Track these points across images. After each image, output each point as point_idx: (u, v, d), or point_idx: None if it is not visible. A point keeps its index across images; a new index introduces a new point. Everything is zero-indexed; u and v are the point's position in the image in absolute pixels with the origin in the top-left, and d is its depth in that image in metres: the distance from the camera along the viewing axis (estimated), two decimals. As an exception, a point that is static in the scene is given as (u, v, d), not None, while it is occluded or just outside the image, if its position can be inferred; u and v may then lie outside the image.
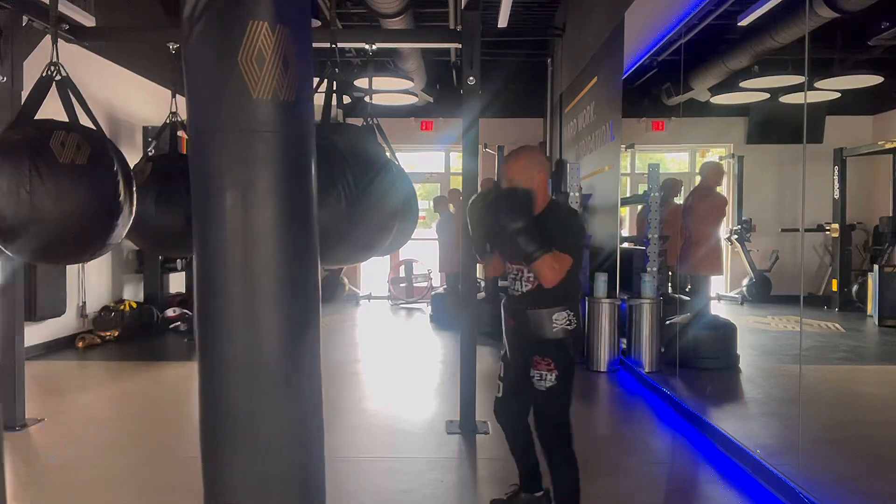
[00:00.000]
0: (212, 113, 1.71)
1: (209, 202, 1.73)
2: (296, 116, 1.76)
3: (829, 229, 7.80)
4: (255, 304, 1.71)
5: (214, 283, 1.73)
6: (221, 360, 1.74)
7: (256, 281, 1.70)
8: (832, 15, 4.69)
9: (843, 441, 3.96)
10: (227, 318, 1.72)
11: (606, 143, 7.05)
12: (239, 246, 1.70)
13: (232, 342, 1.72)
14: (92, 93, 6.12)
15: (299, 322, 1.79)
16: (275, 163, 1.71)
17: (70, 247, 2.93)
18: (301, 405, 1.81)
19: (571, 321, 2.56)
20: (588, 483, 3.43)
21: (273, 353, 1.74)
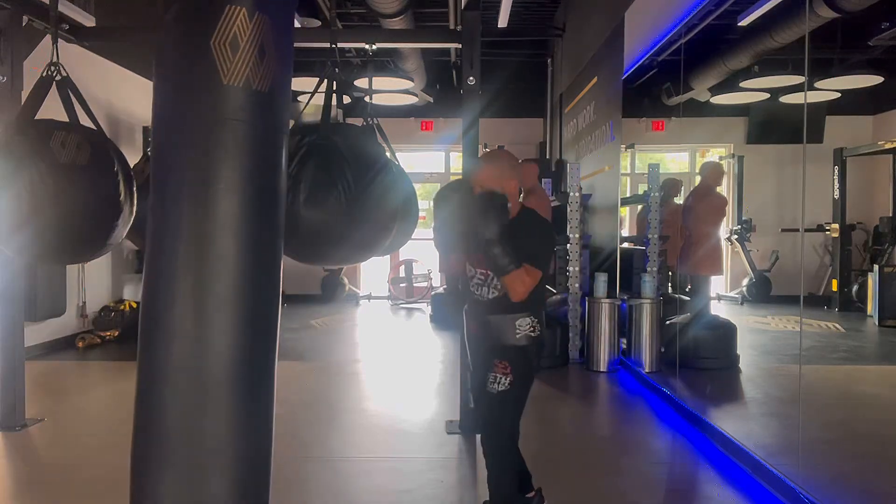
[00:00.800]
0: (179, 99, 1.63)
1: (167, 191, 1.62)
2: (268, 107, 1.66)
3: (829, 229, 7.79)
4: (204, 305, 1.56)
5: (162, 280, 1.59)
6: (162, 365, 1.58)
7: (209, 280, 1.56)
8: (832, 15, 4.69)
9: (843, 441, 3.96)
10: (173, 318, 1.57)
11: (606, 143, 7.05)
12: (193, 241, 1.58)
13: (175, 344, 1.57)
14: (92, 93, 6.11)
15: (253, 326, 1.64)
16: (242, 154, 1.61)
17: (70, 247, 2.93)
18: (249, 421, 1.65)
19: (535, 328, 2.50)
20: (588, 483, 3.44)
21: (221, 360, 1.59)
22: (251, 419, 1.67)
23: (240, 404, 1.63)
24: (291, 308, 9.33)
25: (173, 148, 1.63)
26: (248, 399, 1.65)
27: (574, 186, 6.25)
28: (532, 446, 3.99)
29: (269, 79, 1.64)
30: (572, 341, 6.12)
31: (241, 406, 1.64)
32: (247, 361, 1.63)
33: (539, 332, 2.52)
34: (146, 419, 1.60)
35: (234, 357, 1.60)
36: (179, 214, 1.60)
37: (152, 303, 1.61)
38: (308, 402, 4.84)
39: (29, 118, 2.86)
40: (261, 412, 1.70)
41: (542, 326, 2.55)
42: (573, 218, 6.18)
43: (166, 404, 1.57)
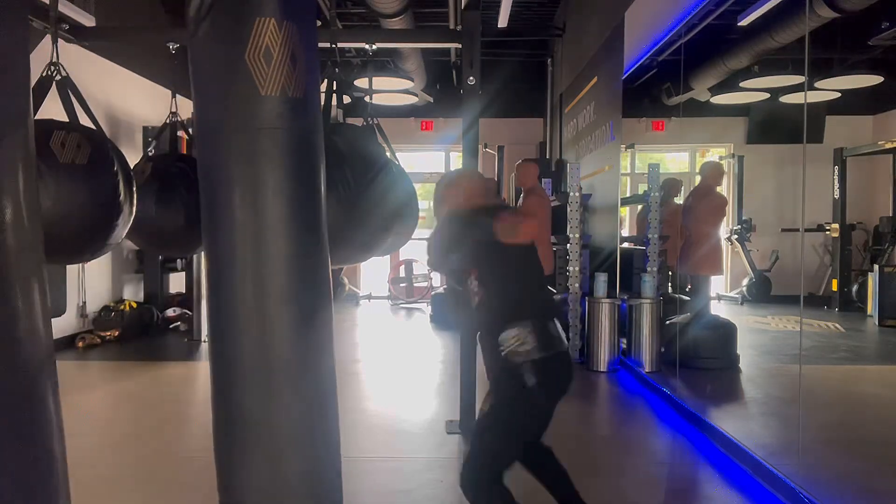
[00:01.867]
0: (219, 111, 1.71)
1: (217, 201, 1.72)
2: (304, 112, 1.75)
3: (829, 229, 7.80)
4: (265, 304, 1.69)
5: (225, 282, 1.71)
6: (233, 360, 1.72)
7: (267, 280, 1.69)
8: (832, 15, 4.69)
9: (843, 441, 3.96)
10: (238, 317, 1.70)
11: (606, 142, 7.05)
12: (248, 245, 1.68)
13: (243, 341, 1.70)
14: (92, 93, 6.12)
15: (311, 320, 1.78)
16: (283, 159, 1.70)
17: (70, 247, 2.93)
18: (313, 404, 1.79)
19: (526, 340, 2.05)
20: (588, 483, 3.44)
21: (284, 352, 1.72)
22: (315, 404, 1.79)
23: (303, 391, 1.77)
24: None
25: (219, 159, 1.71)
26: (310, 385, 1.78)
27: (574, 186, 6.25)
28: (532, 446, 3.99)
29: (303, 85, 1.73)
30: (572, 341, 6.12)
31: (305, 392, 1.77)
32: (306, 352, 1.77)
33: (532, 344, 2.06)
34: (224, 411, 1.76)
35: (295, 349, 1.74)
36: (232, 221, 1.69)
37: (217, 307, 1.74)
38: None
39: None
40: (324, 397, 1.83)
41: (539, 337, 2.08)
42: (573, 218, 6.18)
43: (239, 396, 1.72)
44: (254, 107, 1.68)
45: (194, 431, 4.21)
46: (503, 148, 10.16)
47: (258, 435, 1.71)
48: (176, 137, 4.10)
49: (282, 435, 1.72)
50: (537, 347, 2.06)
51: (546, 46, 10.97)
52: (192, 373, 6.00)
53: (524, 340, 2.06)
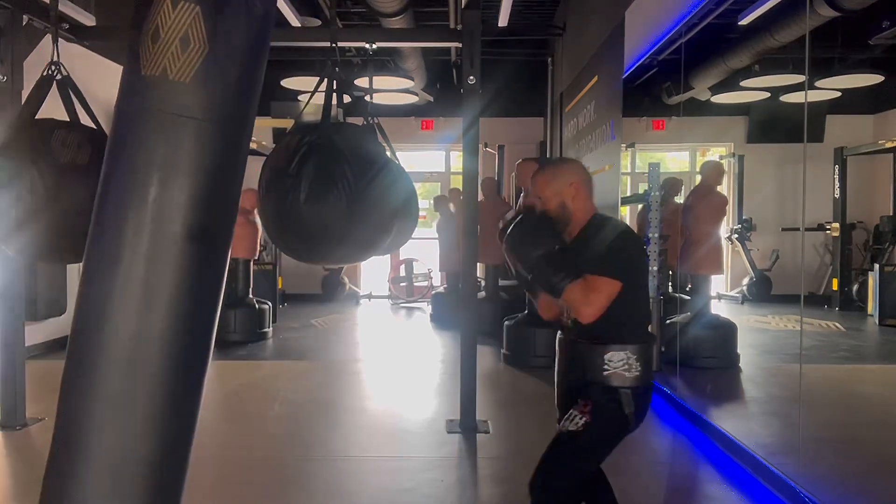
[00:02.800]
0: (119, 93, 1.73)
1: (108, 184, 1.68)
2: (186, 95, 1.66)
3: (829, 228, 7.80)
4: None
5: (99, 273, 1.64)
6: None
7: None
8: (832, 14, 4.69)
9: (843, 440, 3.96)
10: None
11: (607, 142, 7.05)
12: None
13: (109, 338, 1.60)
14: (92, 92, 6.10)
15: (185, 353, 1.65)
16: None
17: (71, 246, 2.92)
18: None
19: (632, 366, 1.97)
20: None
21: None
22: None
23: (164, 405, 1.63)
24: (292, 307, 9.34)
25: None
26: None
27: (574, 186, 6.24)
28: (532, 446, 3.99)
29: (191, 67, 1.62)
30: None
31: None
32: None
33: (638, 371, 1.98)
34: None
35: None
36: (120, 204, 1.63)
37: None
38: (308, 401, 4.84)
39: (29, 117, 2.86)
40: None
41: (644, 366, 2.00)
42: (573, 217, 6.17)
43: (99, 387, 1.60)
44: (133, 86, 1.68)
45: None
46: (503, 147, 10.17)
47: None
48: (176, 137, 4.09)
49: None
50: (640, 376, 1.99)
51: (546, 45, 10.97)
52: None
53: (631, 365, 1.98)
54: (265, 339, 7.13)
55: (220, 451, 3.80)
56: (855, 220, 7.80)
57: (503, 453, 3.88)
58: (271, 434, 4.14)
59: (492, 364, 6.07)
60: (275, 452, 3.77)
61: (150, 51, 1.61)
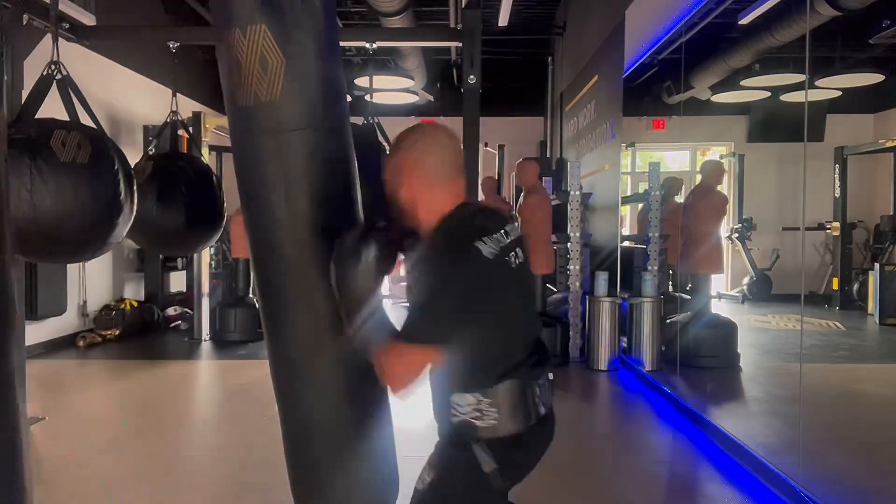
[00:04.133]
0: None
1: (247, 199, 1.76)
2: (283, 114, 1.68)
3: (829, 228, 7.80)
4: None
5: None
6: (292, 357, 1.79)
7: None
8: (833, 13, 4.69)
9: (843, 440, 3.96)
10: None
11: (607, 141, 7.05)
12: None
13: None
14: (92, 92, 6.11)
15: None
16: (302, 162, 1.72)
17: (71, 246, 2.93)
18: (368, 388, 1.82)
19: (485, 413, 1.47)
20: (588, 482, 3.44)
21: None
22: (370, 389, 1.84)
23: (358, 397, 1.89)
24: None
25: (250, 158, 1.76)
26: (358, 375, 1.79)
27: (574, 185, 6.24)
28: (533, 445, 4.00)
29: (277, 85, 1.64)
30: (573, 340, 6.12)
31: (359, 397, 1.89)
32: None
33: (496, 419, 1.47)
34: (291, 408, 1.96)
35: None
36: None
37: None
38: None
39: (29, 117, 2.86)
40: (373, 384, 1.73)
41: (510, 408, 1.48)
42: (574, 216, 6.18)
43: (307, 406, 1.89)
44: (237, 114, 1.70)
45: (195, 430, 4.22)
46: (504, 147, 10.16)
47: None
48: (176, 136, 4.09)
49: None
50: (499, 424, 1.48)
51: (547, 45, 10.97)
52: (193, 372, 6.01)
53: (483, 412, 1.47)
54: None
55: (220, 452, 3.80)
56: (855, 220, 7.80)
57: (503, 453, 3.87)
58: (271, 434, 4.13)
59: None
60: (275, 452, 3.76)
61: (239, 83, 1.63)
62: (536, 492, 3.28)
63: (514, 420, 1.48)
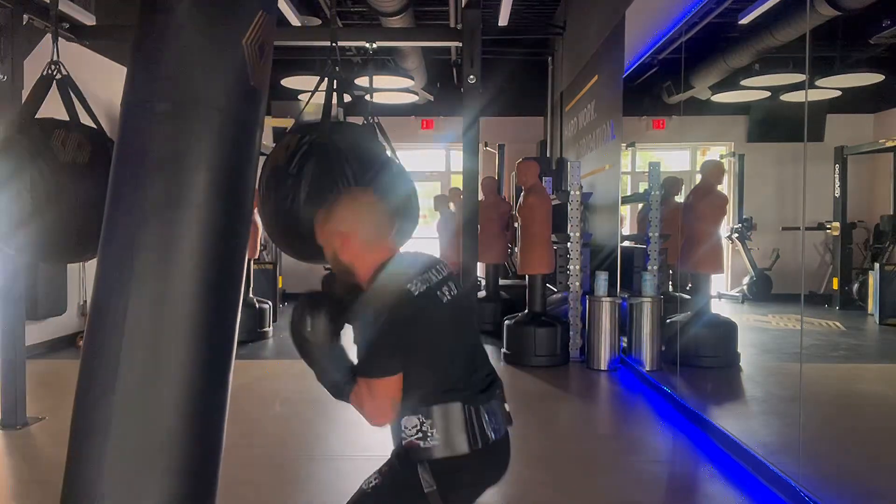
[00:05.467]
0: (192, 88, 1.67)
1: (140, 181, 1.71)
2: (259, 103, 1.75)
3: (829, 228, 7.79)
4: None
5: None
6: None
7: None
8: (833, 13, 4.68)
9: (843, 439, 3.96)
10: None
11: (607, 141, 7.05)
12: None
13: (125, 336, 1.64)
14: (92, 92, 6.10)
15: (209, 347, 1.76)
16: (221, 145, 1.69)
17: (71, 246, 2.93)
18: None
19: (427, 435, 1.58)
20: (588, 481, 3.44)
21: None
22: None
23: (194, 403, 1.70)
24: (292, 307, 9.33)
25: (156, 136, 1.71)
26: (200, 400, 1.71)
27: (574, 185, 6.25)
28: (532, 445, 4.00)
29: (263, 76, 1.71)
30: (573, 340, 6.13)
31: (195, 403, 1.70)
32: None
33: (436, 441, 1.58)
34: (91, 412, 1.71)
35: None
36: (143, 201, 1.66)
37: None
38: (309, 400, 4.84)
39: (29, 117, 2.86)
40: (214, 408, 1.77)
41: (453, 430, 1.58)
42: (574, 216, 6.18)
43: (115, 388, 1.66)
44: (241, 95, 1.67)
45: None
46: (504, 146, 10.17)
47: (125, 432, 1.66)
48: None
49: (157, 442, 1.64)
50: (443, 445, 1.58)
51: (547, 45, 10.96)
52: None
53: (426, 433, 1.58)
54: (265, 339, 7.14)
55: (221, 451, 3.80)
56: (855, 220, 7.79)
57: (503, 452, 3.87)
58: (271, 434, 4.14)
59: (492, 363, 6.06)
60: (275, 452, 3.77)
61: (258, 62, 1.68)
62: (537, 492, 3.28)
63: (456, 442, 1.58)
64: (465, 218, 4.26)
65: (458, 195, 8.07)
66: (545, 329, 5.95)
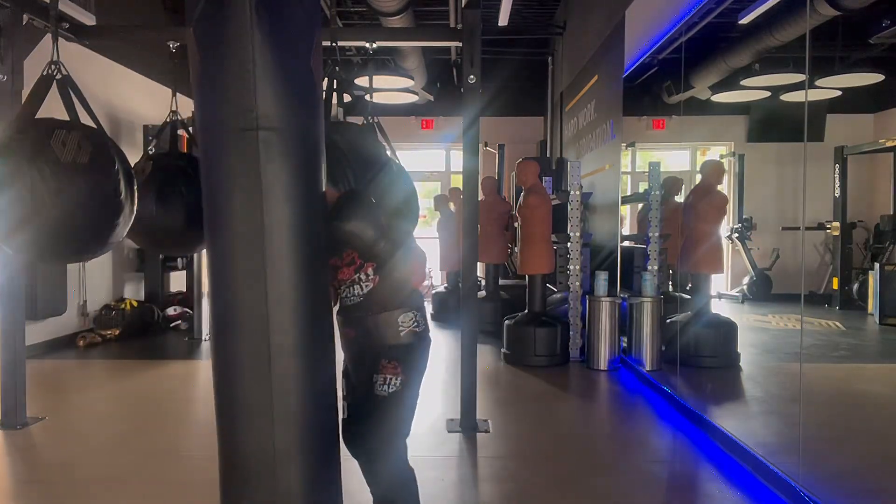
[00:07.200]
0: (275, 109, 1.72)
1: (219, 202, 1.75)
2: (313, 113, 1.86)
3: (829, 227, 7.79)
4: (264, 306, 1.72)
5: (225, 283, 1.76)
6: (234, 357, 1.74)
7: (268, 283, 1.73)
8: (833, 13, 4.68)
9: (843, 439, 3.96)
10: (238, 318, 1.73)
11: (607, 141, 7.05)
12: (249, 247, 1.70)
13: (244, 342, 1.72)
14: (93, 92, 6.11)
15: (312, 319, 1.83)
16: (289, 161, 1.74)
17: (71, 246, 2.93)
18: (315, 403, 1.84)
19: (420, 323, 2.25)
20: (589, 481, 3.44)
21: (286, 352, 1.75)
22: (316, 403, 1.87)
23: (304, 390, 1.82)
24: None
25: (227, 158, 1.80)
26: (310, 386, 1.85)
27: (574, 185, 6.24)
28: (533, 445, 4.00)
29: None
30: (573, 339, 6.13)
31: (306, 391, 1.83)
32: (306, 353, 1.85)
33: (423, 327, 2.28)
34: (227, 410, 1.78)
35: (296, 350, 1.80)
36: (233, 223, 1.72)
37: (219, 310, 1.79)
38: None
39: (29, 117, 2.86)
40: (325, 398, 1.91)
41: (425, 321, 2.31)
42: (574, 216, 6.18)
43: (241, 394, 1.74)
44: (313, 111, 1.77)
45: (195, 430, 4.22)
46: (504, 146, 10.17)
47: (258, 422, 1.74)
48: (176, 136, 4.09)
49: (280, 422, 1.74)
50: (425, 330, 2.30)
51: (547, 45, 10.97)
52: (193, 371, 6.01)
53: (417, 321, 2.25)
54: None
55: (221, 451, 3.80)
56: (855, 220, 7.79)
57: (503, 452, 3.88)
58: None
59: (492, 363, 6.07)
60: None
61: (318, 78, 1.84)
62: (537, 491, 3.29)
63: (426, 329, 2.31)
64: (465, 218, 4.26)
65: (458, 195, 8.07)
66: (545, 329, 5.95)
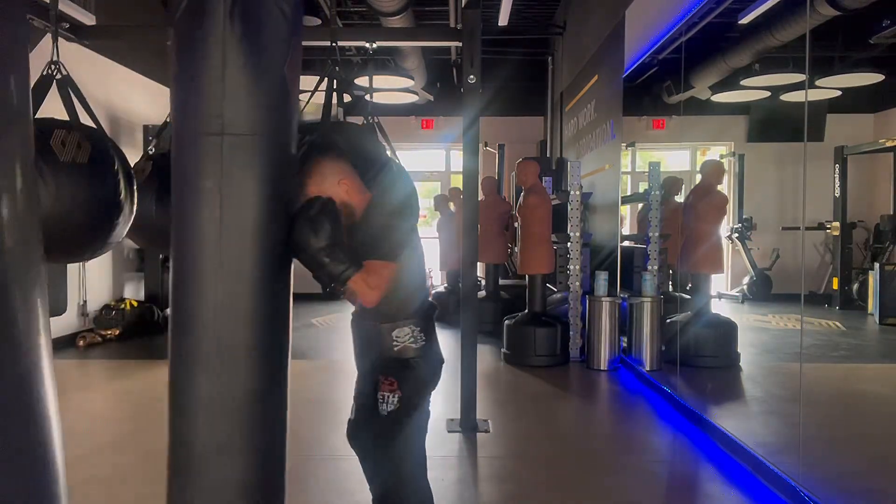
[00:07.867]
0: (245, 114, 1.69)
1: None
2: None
3: (829, 227, 7.79)
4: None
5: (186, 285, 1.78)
6: (186, 356, 1.78)
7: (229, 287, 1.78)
8: (833, 13, 4.69)
9: (843, 439, 3.96)
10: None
11: (607, 141, 7.05)
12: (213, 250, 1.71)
13: (195, 339, 1.75)
14: (92, 92, 6.12)
15: (264, 321, 1.91)
16: (260, 167, 1.73)
17: (71, 245, 2.92)
18: (262, 399, 1.89)
19: (418, 338, 2.09)
20: (589, 481, 3.44)
21: (235, 350, 1.80)
22: (271, 398, 1.94)
23: (259, 389, 1.89)
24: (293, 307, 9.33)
25: (197, 163, 1.76)
26: (266, 381, 1.92)
27: (574, 185, 6.25)
28: (533, 445, 4.00)
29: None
30: (573, 340, 6.13)
31: (261, 389, 1.90)
32: (265, 349, 1.92)
33: (424, 341, 2.10)
34: (179, 409, 1.83)
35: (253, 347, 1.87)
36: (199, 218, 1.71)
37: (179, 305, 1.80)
38: (309, 400, 4.84)
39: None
40: (278, 394, 1.97)
41: (429, 335, 2.13)
42: (574, 216, 6.18)
43: (196, 386, 1.78)
44: (284, 119, 1.74)
45: (195, 430, 4.20)
46: (504, 146, 10.17)
47: (210, 417, 1.79)
48: (176, 136, 4.08)
49: (232, 414, 1.80)
50: (426, 344, 2.14)
51: (547, 45, 10.97)
52: (193, 371, 6.00)
53: (415, 337, 2.10)
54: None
55: (221, 451, 3.80)
56: (855, 220, 7.80)
57: (503, 452, 3.88)
58: (271, 433, 4.14)
59: (492, 363, 6.07)
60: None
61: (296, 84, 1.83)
62: (537, 492, 3.28)
63: (432, 340, 2.18)
64: (465, 218, 4.26)
65: (458, 195, 8.07)
66: (545, 329, 5.95)
